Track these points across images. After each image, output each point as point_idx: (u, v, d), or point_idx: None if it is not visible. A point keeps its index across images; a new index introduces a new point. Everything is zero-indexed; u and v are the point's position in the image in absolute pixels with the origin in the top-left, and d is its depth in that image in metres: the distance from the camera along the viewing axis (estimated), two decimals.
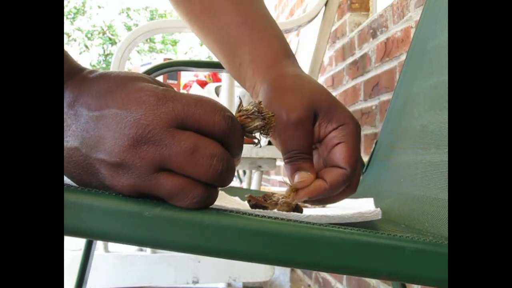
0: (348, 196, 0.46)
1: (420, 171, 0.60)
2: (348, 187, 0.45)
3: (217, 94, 1.74)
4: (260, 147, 1.33)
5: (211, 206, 0.36)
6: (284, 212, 0.37)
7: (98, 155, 0.33)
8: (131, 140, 0.31)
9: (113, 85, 0.34)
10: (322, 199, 0.45)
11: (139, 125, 0.31)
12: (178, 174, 0.32)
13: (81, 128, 0.33)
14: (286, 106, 0.44)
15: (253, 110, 0.36)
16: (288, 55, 0.49)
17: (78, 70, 0.36)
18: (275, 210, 0.41)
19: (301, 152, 0.44)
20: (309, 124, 0.44)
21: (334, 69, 1.88)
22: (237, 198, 0.54)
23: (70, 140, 0.34)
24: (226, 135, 0.33)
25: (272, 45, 0.49)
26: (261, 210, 0.39)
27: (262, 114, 0.36)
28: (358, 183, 0.46)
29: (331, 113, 0.44)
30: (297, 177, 0.44)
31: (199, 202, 0.33)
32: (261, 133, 0.37)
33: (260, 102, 0.36)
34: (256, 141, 0.37)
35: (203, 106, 0.32)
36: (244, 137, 0.36)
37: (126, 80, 0.34)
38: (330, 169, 0.44)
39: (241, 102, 0.37)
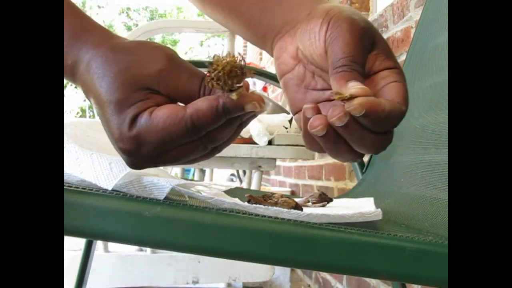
0: (385, 146, 0.39)
1: (420, 171, 0.60)
2: (388, 133, 0.39)
3: None
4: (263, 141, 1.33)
5: (211, 206, 0.36)
6: (285, 210, 0.37)
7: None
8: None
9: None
10: (363, 135, 0.37)
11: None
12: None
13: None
14: (350, 18, 0.39)
15: (213, 77, 0.34)
16: None
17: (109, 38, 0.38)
18: (276, 208, 0.41)
19: (356, 62, 0.38)
20: (367, 40, 0.39)
21: None
22: (237, 199, 0.54)
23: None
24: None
25: None
26: (262, 206, 0.39)
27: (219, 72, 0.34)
28: (392, 135, 0.40)
29: (389, 52, 0.40)
30: (352, 84, 0.37)
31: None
32: (232, 82, 0.34)
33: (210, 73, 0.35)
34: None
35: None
36: (234, 95, 0.35)
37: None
38: (389, 99, 0.38)
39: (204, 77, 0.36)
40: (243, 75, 0.34)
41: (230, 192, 0.57)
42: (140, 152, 0.35)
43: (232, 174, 3.29)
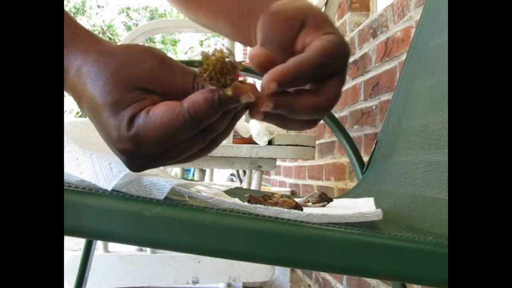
0: (318, 112, 0.39)
1: (421, 171, 0.60)
2: (318, 94, 0.39)
3: None
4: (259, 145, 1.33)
5: (211, 206, 0.36)
6: (285, 210, 0.37)
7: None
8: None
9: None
10: (287, 100, 0.38)
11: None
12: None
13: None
14: (272, 12, 0.43)
15: (206, 77, 0.35)
16: None
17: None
18: (276, 208, 0.41)
19: (272, 43, 0.41)
20: (292, 23, 0.41)
21: None
22: (237, 199, 0.54)
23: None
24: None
25: None
26: (262, 206, 0.39)
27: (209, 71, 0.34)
28: (333, 102, 0.40)
29: (321, 24, 0.42)
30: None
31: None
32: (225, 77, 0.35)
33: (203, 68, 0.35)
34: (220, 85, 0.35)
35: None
36: (227, 90, 0.35)
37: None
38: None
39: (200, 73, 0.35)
40: (234, 69, 0.35)
41: (230, 192, 0.57)
42: (140, 151, 0.35)
43: (232, 174, 3.29)
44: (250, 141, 1.37)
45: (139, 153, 0.35)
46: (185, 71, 0.37)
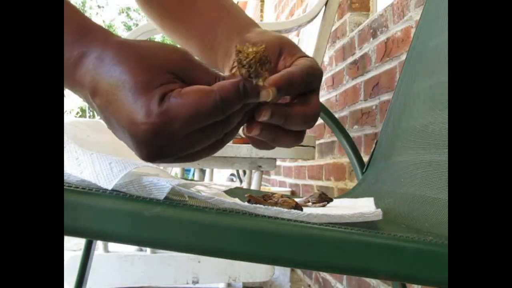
0: (308, 120, 0.42)
1: (421, 171, 0.60)
2: (306, 104, 0.42)
3: None
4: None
5: (211, 206, 0.36)
6: (285, 210, 0.37)
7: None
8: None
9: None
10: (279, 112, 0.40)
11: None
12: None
13: None
14: (254, 39, 0.47)
15: (237, 65, 0.37)
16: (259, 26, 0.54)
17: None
18: (276, 208, 0.41)
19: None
20: (271, 53, 0.45)
21: (334, 69, 1.88)
22: (237, 199, 0.54)
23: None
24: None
25: (245, 17, 0.54)
26: (262, 206, 0.39)
27: (245, 59, 0.37)
28: (318, 112, 0.43)
29: (295, 50, 0.46)
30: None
31: None
32: (256, 70, 0.37)
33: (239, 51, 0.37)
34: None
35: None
36: (258, 80, 0.37)
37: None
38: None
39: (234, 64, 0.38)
40: (269, 63, 0.37)
41: (230, 192, 0.57)
42: (168, 128, 0.35)
43: (232, 174, 3.30)
44: (246, 141, 1.37)
45: (166, 131, 0.35)
46: (207, 68, 0.40)
